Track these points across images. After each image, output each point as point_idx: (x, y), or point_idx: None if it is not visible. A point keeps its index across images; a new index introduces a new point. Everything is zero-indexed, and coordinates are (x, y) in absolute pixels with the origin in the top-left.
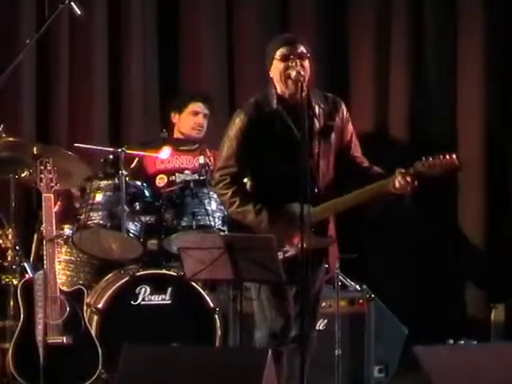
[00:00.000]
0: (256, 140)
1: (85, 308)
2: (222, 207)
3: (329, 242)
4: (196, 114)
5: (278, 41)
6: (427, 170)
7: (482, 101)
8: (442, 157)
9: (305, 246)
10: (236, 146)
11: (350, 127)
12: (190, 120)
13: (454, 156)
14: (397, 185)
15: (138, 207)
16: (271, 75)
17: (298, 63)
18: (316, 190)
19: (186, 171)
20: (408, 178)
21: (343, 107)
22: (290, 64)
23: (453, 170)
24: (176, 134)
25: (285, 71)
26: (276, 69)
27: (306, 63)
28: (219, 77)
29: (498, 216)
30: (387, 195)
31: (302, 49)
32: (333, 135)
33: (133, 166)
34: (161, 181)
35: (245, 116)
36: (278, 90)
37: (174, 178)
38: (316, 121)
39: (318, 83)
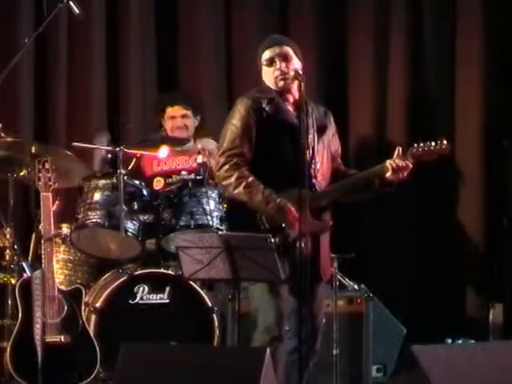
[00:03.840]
0: (257, 126)
1: (83, 307)
2: (220, 202)
3: (326, 226)
4: (173, 117)
5: (265, 43)
6: (421, 154)
7: (480, 101)
8: (434, 143)
9: (302, 229)
10: (240, 128)
11: (337, 136)
12: (169, 124)
13: (445, 142)
14: (394, 166)
15: (136, 206)
16: (263, 77)
17: (284, 66)
18: (313, 179)
19: (183, 172)
20: (404, 161)
21: (332, 120)
22: (274, 67)
23: (444, 155)
24: None
25: (272, 75)
26: (264, 74)
27: (292, 64)
28: (218, 75)
29: (496, 216)
30: (382, 181)
31: (286, 50)
32: (326, 137)
33: (130, 167)
34: (158, 183)
35: (248, 100)
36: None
37: (171, 180)
38: (313, 116)
39: (317, 84)
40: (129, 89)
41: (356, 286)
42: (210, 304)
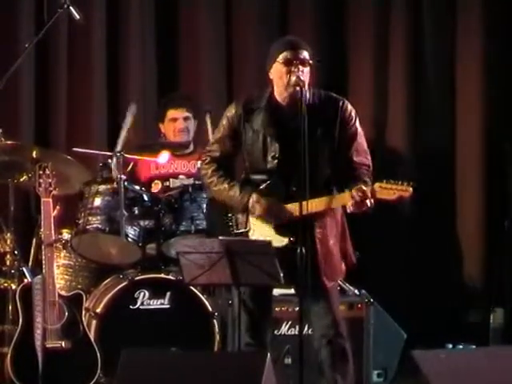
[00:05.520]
0: (238, 133)
1: (83, 312)
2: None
3: (288, 242)
4: (174, 120)
5: (282, 44)
6: (383, 191)
7: (481, 102)
8: (400, 183)
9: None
10: (222, 133)
11: (353, 130)
12: (170, 127)
13: (410, 187)
14: (356, 198)
15: (136, 212)
16: (271, 76)
17: (300, 68)
18: (294, 189)
19: (181, 176)
20: (361, 196)
21: (346, 108)
22: (292, 69)
23: (405, 199)
24: None
25: (286, 75)
26: (277, 72)
27: (307, 69)
28: (218, 77)
29: (496, 220)
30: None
31: (304, 54)
32: (327, 134)
33: (127, 172)
34: (155, 186)
35: (233, 107)
36: (275, 91)
37: (168, 183)
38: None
39: (317, 83)
40: (129, 93)
41: (356, 291)
42: (210, 309)
